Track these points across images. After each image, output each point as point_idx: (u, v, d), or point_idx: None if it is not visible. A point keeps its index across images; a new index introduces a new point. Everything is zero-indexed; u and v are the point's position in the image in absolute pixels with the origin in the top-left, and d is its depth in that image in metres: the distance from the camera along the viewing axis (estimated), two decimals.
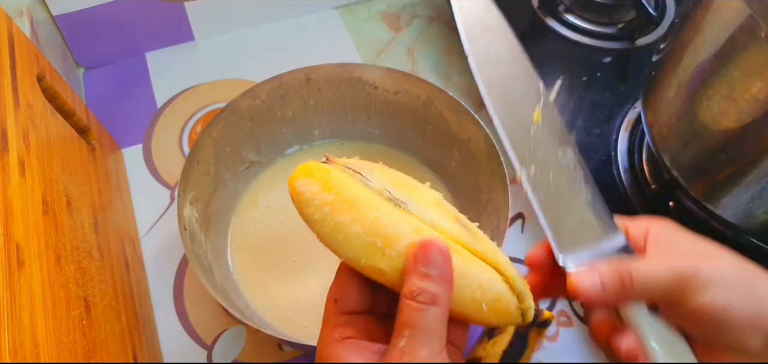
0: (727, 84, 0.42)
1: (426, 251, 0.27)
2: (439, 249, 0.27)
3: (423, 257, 0.27)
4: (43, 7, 0.61)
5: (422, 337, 0.26)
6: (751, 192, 0.43)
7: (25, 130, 0.39)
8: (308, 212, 0.29)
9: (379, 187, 0.29)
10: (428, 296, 0.26)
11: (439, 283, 0.27)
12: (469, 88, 0.69)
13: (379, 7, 0.76)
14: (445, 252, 0.27)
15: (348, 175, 0.29)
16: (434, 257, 0.27)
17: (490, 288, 0.28)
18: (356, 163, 0.31)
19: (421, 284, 0.26)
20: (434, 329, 0.26)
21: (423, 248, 0.27)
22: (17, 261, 0.32)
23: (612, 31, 0.67)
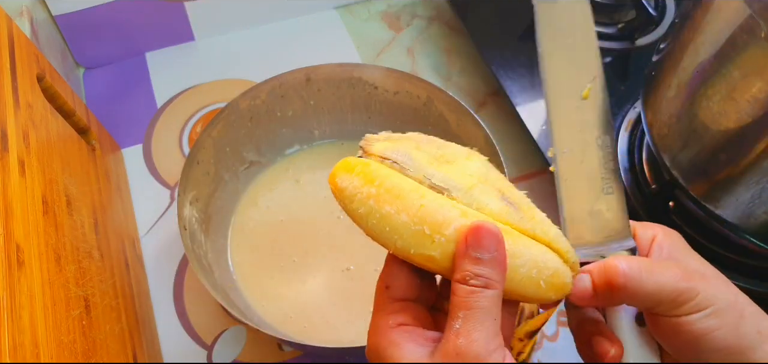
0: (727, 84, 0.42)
1: (477, 235, 0.26)
2: (491, 232, 0.26)
3: (474, 241, 0.26)
4: (43, 7, 0.61)
5: (477, 318, 0.26)
6: (752, 192, 0.43)
7: (25, 130, 0.39)
8: (352, 207, 0.28)
9: (419, 174, 0.29)
10: (482, 280, 0.26)
11: (493, 266, 0.26)
12: (469, 88, 0.69)
13: (379, 7, 0.76)
14: (496, 235, 0.27)
15: (387, 167, 0.29)
16: (487, 241, 0.26)
17: (545, 265, 0.28)
18: (392, 146, 0.30)
19: (474, 269, 0.26)
20: (489, 311, 0.26)
21: (474, 232, 0.26)
22: (17, 261, 0.32)
23: (612, 31, 0.67)
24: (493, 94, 0.68)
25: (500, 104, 0.67)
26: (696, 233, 0.51)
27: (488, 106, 0.67)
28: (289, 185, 0.58)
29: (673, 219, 0.52)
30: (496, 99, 0.67)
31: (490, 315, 0.26)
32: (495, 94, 0.68)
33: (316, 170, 0.59)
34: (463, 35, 0.72)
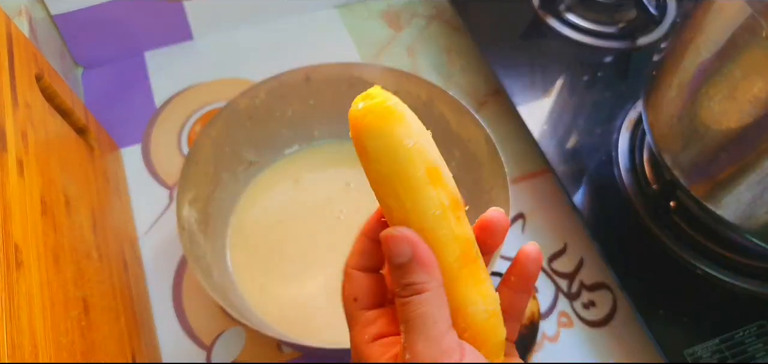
0: (728, 84, 0.42)
1: (389, 244, 0.26)
2: (399, 238, 0.26)
3: (388, 251, 0.26)
4: (41, 6, 0.61)
5: (416, 328, 0.25)
6: (753, 192, 0.43)
7: (24, 130, 0.38)
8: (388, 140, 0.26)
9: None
10: (409, 289, 0.26)
11: (414, 270, 0.26)
12: (469, 87, 0.69)
13: (379, 6, 0.76)
14: (407, 237, 0.26)
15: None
16: (400, 247, 0.26)
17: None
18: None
19: (399, 279, 0.26)
20: (427, 316, 0.25)
21: (385, 242, 0.26)
22: (16, 262, 0.31)
23: (613, 30, 0.66)
24: (493, 93, 0.68)
25: (500, 104, 0.67)
26: (697, 233, 0.51)
27: (488, 106, 0.67)
28: (289, 185, 0.58)
29: (674, 219, 0.52)
30: (497, 99, 0.67)
31: (430, 319, 0.25)
32: (495, 93, 0.68)
33: (316, 170, 0.59)
34: (464, 34, 0.72)
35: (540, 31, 0.67)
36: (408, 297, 0.25)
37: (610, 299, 0.54)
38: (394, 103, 0.26)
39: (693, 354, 0.46)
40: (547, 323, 0.53)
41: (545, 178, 0.61)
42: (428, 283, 0.26)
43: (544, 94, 0.61)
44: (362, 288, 0.28)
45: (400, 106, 0.27)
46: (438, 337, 0.25)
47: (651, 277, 0.50)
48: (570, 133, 0.58)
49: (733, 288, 0.49)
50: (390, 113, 0.26)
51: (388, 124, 0.26)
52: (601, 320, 0.53)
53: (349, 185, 0.58)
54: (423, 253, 0.26)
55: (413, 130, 0.27)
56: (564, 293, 0.54)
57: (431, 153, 0.27)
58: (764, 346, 0.46)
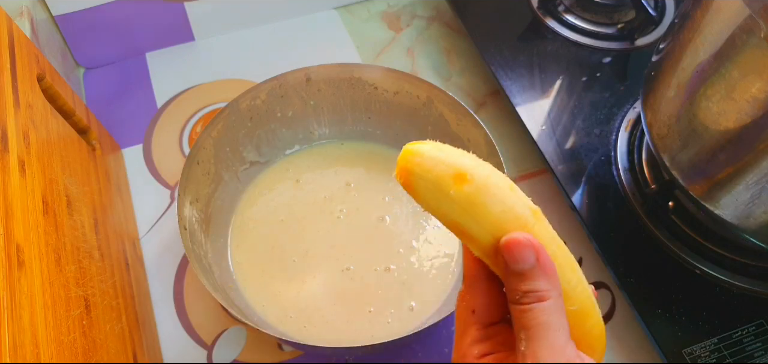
0: (726, 84, 0.42)
1: (512, 250, 0.25)
2: (523, 243, 0.25)
3: (511, 258, 0.25)
4: (43, 7, 0.61)
5: (539, 336, 0.25)
6: (751, 192, 0.43)
7: (25, 131, 0.39)
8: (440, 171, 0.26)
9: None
10: (531, 296, 0.25)
11: (538, 277, 0.25)
12: (469, 88, 0.69)
13: (379, 7, 0.76)
14: (531, 243, 0.25)
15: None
16: (523, 253, 0.25)
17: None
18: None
19: (521, 286, 0.25)
20: (549, 325, 0.25)
21: (507, 248, 0.25)
22: (17, 261, 0.32)
23: (612, 31, 0.67)
24: (492, 94, 0.68)
25: (500, 104, 0.67)
26: (695, 233, 0.51)
27: (488, 106, 0.67)
28: (289, 184, 0.58)
29: (672, 219, 0.52)
30: (496, 99, 0.68)
31: (551, 328, 0.25)
32: (495, 94, 0.68)
33: (316, 170, 0.59)
34: (463, 35, 0.72)
35: (539, 32, 0.67)
36: (530, 304, 0.25)
37: (608, 299, 0.54)
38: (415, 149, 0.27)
39: (691, 353, 0.46)
40: None
41: (544, 179, 0.61)
42: (550, 291, 0.25)
43: (543, 95, 0.61)
44: (483, 299, 0.28)
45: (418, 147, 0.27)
46: (561, 346, 0.25)
47: (649, 276, 0.50)
48: (569, 133, 0.58)
49: (731, 288, 0.49)
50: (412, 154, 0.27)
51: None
52: None
53: (349, 185, 0.58)
54: (546, 260, 0.26)
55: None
56: None
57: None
58: (763, 345, 0.47)
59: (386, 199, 0.57)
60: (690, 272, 0.50)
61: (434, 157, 0.26)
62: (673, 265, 0.51)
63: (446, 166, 0.26)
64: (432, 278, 0.52)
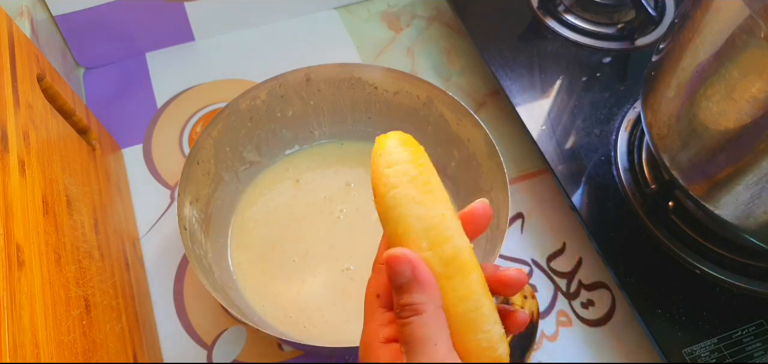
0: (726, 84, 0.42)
1: (391, 264, 0.26)
2: (400, 258, 0.26)
3: (391, 272, 0.26)
4: (43, 7, 0.61)
5: (417, 351, 0.25)
6: (751, 192, 0.43)
7: (25, 131, 0.39)
8: (386, 172, 0.28)
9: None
10: (408, 309, 0.26)
11: (414, 290, 0.26)
12: (469, 88, 0.69)
13: (379, 7, 0.76)
14: (407, 258, 0.26)
15: (434, 167, 0.29)
16: (400, 267, 0.26)
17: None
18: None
19: (399, 300, 0.26)
20: (427, 339, 0.25)
21: (387, 262, 0.26)
22: (17, 261, 0.32)
23: (612, 31, 0.67)
24: (492, 94, 0.68)
25: (500, 104, 0.67)
26: (695, 233, 0.51)
27: (488, 107, 0.67)
28: (289, 184, 0.58)
29: (672, 219, 0.52)
30: (496, 99, 0.68)
31: (429, 341, 0.25)
32: (495, 94, 0.68)
33: (316, 170, 0.59)
34: (463, 35, 0.73)
35: (539, 31, 0.67)
36: (408, 318, 0.25)
37: (608, 299, 0.54)
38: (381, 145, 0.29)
39: (691, 353, 0.46)
40: (546, 323, 0.53)
41: (544, 178, 0.61)
42: (427, 304, 0.26)
43: (543, 95, 0.61)
44: (387, 285, 0.28)
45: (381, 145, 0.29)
46: (439, 357, 0.25)
47: (649, 276, 0.50)
48: (569, 133, 0.58)
49: (731, 287, 0.49)
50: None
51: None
52: (599, 319, 0.53)
53: (349, 185, 0.58)
54: (423, 273, 0.26)
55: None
56: (563, 292, 0.54)
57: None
58: (762, 345, 0.47)
59: None
60: (690, 272, 0.50)
61: (372, 165, 0.28)
62: (673, 265, 0.51)
63: (380, 173, 0.28)
64: None
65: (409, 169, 0.27)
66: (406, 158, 0.28)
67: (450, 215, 0.27)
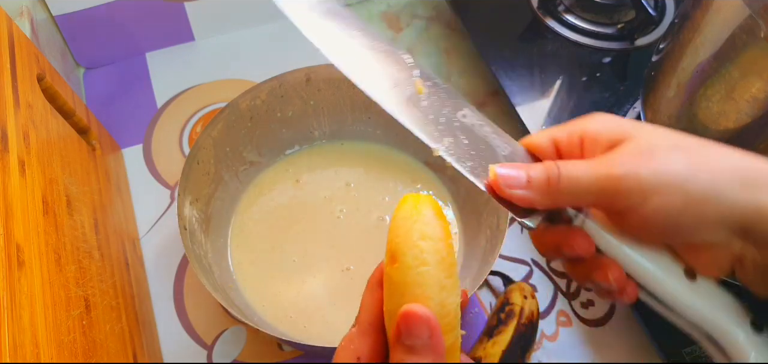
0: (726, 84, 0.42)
1: (408, 322, 0.24)
2: (422, 319, 0.24)
3: (405, 328, 0.25)
4: (43, 7, 0.61)
5: None
6: None
7: (25, 131, 0.39)
8: (421, 245, 0.26)
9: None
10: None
11: (425, 355, 0.25)
12: (469, 88, 0.69)
13: (379, 7, 0.76)
14: (429, 320, 0.25)
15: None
16: (417, 329, 0.24)
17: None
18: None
19: (406, 359, 0.25)
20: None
21: (405, 318, 0.25)
22: (17, 261, 0.32)
23: (611, 31, 0.67)
24: (493, 94, 0.68)
25: (500, 104, 0.67)
26: None
27: (488, 107, 0.67)
28: (289, 184, 0.58)
29: None
30: (496, 99, 0.68)
31: None
32: (495, 94, 0.68)
33: (316, 170, 0.59)
34: (463, 35, 0.72)
35: (539, 32, 0.67)
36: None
37: None
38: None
39: (691, 353, 0.46)
40: (546, 323, 0.53)
41: None
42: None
43: (543, 95, 0.61)
44: (372, 349, 0.27)
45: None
46: None
47: None
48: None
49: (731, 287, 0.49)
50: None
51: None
52: (599, 319, 0.53)
53: (349, 185, 0.58)
54: (439, 342, 0.25)
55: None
56: (563, 292, 0.54)
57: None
58: None
59: (386, 199, 0.57)
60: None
61: (399, 224, 0.27)
62: None
63: (391, 241, 0.27)
64: None
65: (440, 248, 0.26)
66: (439, 235, 0.27)
67: (460, 302, 0.27)
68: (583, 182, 0.27)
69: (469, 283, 0.49)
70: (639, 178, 0.26)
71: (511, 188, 0.29)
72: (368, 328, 0.27)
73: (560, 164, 0.28)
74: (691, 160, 0.26)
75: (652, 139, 0.27)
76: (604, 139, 0.28)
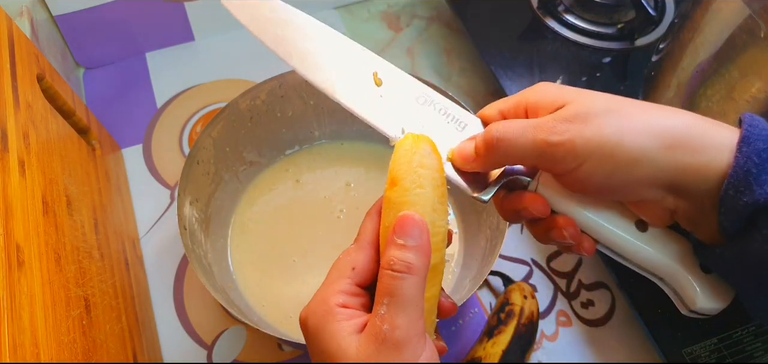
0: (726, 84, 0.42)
1: (403, 224, 0.28)
2: (416, 221, 0.28)
3: (400, 229, 0.28)
4: (43, 7, 0.61)
5: (400, 305, 0.27)
6: None
7: (25, 131, 0.39)
8: (419, 172, 0.29)
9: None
10: (404, 265, 0.27)
11: (416, 253, 0.28)
12: (469, 88, 0.69)
13: (379, 7, 0.76)
14: (421, 224, 0.28)
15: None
16: (411, 229, 0.28)
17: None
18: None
19: (398, 254, 0.27)
20: (412, 299, 0.27)
21: (401, 221, 0.28)
22: (17, 261, 0.32)
23: (611, 31, 0.67)
24: (492, 94, 0.68)
25: None
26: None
27: None
28: (289, 185, 0.58)
29: None
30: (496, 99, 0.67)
31: (413, 302, 0.27)
32: (495, 94, 0.68)
33: (316, 170, 0.59)
34: (463, 35, 0.72)
35: (539, 31, 0.67)
36: (400, 273, 0.27)
37: (608, 298, 0.54)
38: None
39: (691, 353, 0.46)
40: (546, 323, 0.53)
41: None
42: (421, 270, 0.28)
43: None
44: (366, 262, 0.30)
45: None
46: (416, 320, 0.27)
47: None
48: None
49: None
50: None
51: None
52: (599, 319, 0.53)
53: (349, 185, 0.58)
54: (427, 244, 0.28)
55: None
56: (563, 292, 0.54)
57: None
58: (763, 345, 0.47)
59: None
60: None
61: (400, 155, 0.30)
62: None
63: (392, 170, 0.30)
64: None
65: (436, 177, 0.30)
66: (435, 166, 0.30)
67: (447, 230, 0.30)
68: (519, 144, 0.30)
69: (469, 283, 0.49)
70: (573, 145, 0.28)
71: (466, 161, 0.32)
72: (365, 244, 0.30)
73: (496, 126, 0.30)
74: (621, 124, 0.28)
75: (587, 104, 0.29)
76: (545, 106, 0.31)
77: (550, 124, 0.29)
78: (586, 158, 0.28)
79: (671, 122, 0.28)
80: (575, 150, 0.28)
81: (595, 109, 0.29)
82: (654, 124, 0.28)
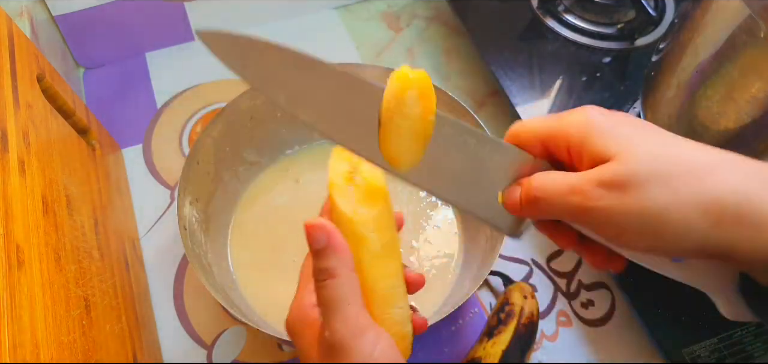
0: (726, 84, 0.42)
1: (308, 233, 0.29)
2: (316, 226, 0.29)
3: (309, 239, 0.29)
4: (43, 7, 0.61)
5: (332, 309, 0.28)
6: None
7: (25, 131, 0.39)
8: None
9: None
10: (322, 272, 0.28)
11: (329, 255, 0.28)
12: (469, 88, 0.69)
13: (379, 7, 0.76)
14: (323, 226, 0.29)
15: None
16: (316, 234, 0.29)
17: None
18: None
19: (315, 263, 0.29)
20: (339, 297, 0.28)
21: (306, 231, 0.29)
22: (17, 261, 0.32)
23: (611, 31, 0.67)
24: (492, 94, 0.68)
25: (500, 105, 0.67)
26: None
27: (488, 107, 0.67)
28: (289, 185, 0.58)
29: None
30: (496, 99, 0.68)
31: (344, 301, 0.28)
32: (495, 94, 0.68)
33: (316, 170, 0.59)
34: (463, 35, 0.73)
35: (539, 32, 0.67)
36: (323, 281, 0.28)
37: (608, 299, 0.54)
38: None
39: (692, 353, 0.46)
40: (545, 323, 0.53)
41: None
42: (340, 268, 0.28)
43: (543, 95, 0.61)
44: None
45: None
46: (352, 316, 0.28)
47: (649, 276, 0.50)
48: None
49: None
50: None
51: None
52: (599, 319, 0.53)
53: None
54: (336, 241, 0.29)
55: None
56: (563, 292, 0.54)
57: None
58: (763, 345, 0.47)
59: None
60: None
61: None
62: None
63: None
64: (432, 277, 0.52)
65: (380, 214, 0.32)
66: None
67: (393, 212, 0.32)
68: (557, 205, 0.28)
69: (468, 283, 0.49)
70: (610, 214, 0.26)
71: (513, 210, 0.31)
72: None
73: (537, 181, 0.29)
74: (667, 198, 0.25)
75: (632, 165, 0.26)
76: (589, 154, 0.28)
77: (587, 187, 0.26)
78: (625, 229, 0.26)
79: (725, 189, 0.25)
80: (612, 220, 0.26)
81: (638, 175, 0.26)
82: (704, 195, 0.25)
